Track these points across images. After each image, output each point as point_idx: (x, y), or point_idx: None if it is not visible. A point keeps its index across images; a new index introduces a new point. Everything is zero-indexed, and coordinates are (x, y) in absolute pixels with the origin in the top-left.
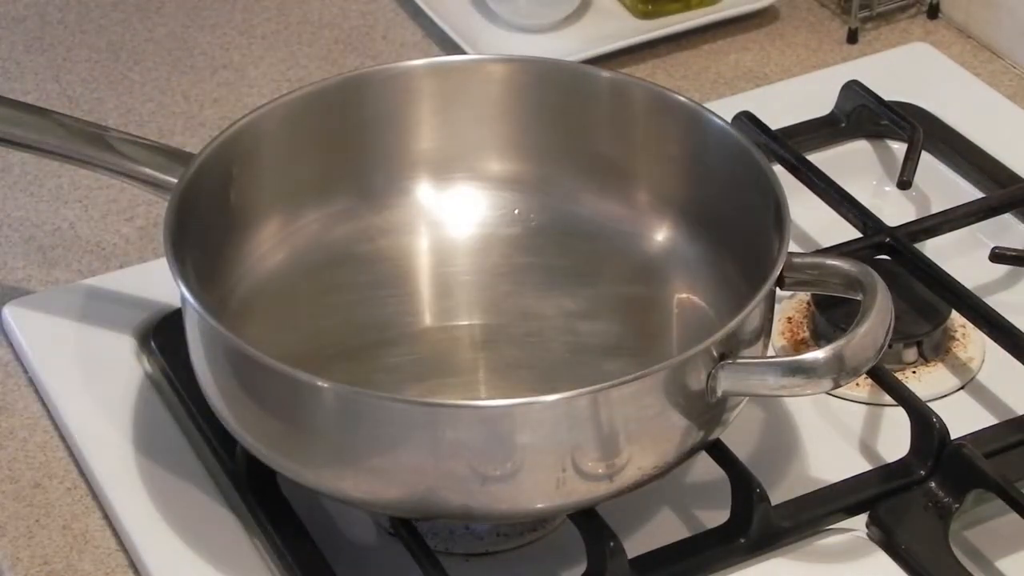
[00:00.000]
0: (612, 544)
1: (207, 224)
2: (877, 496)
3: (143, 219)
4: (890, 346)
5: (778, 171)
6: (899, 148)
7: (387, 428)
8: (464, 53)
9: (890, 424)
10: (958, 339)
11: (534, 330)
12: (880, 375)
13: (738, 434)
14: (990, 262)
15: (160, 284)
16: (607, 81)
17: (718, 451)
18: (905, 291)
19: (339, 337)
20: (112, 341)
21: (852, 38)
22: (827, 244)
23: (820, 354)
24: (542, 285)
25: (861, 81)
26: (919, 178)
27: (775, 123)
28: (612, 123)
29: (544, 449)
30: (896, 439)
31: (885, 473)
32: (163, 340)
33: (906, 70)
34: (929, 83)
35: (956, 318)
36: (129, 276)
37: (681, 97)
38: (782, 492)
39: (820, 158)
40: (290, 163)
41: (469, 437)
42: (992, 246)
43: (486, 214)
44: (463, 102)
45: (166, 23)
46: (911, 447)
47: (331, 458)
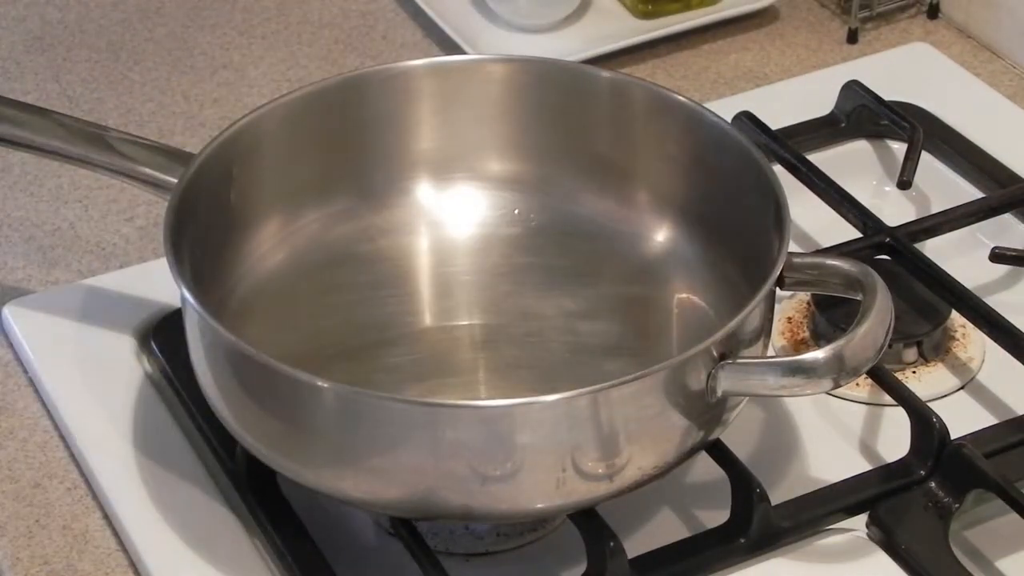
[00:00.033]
0: (612, 544)
1: (207, 224)
2: (877, 496)
3: (143, 219)
4: (890, 346)
5: (778, 171)
6: (899, 148)
7: (387, 428)
8: (464, 53)
9: (890, 424)
10: (958, 339)
11: (534, 330)
12: (880, 375)
13: (738, 434)
14: (990, 262)
15: (160, 284)
16: (607, 81)
17: (718, 451)
18: (905, 291)
19: (339, 337)
20: (112, 341)
21: (852, 38)
22: (827, 244)
23: (820, 354)
24: (542, 285)
25: (861, 81)
26: (919, 178)
27: (775, 123)
28: (612, 123)
29: (544, 449)
30: (896, 439)
31: (885, 473)
32: (163, 340)
33: (906, 70)
34: (929, 83)
35: (956, 318)
36: (129, 276)
37: (681, 97)
38: (782, 492)
39: (820, 158)
40: (290, 163)
41: (469, 437)
42: (992, 246)
43: (486, 214)
44: (463, 102)
45: (166, 23)
46: (911, 447)
47: (331, 458)
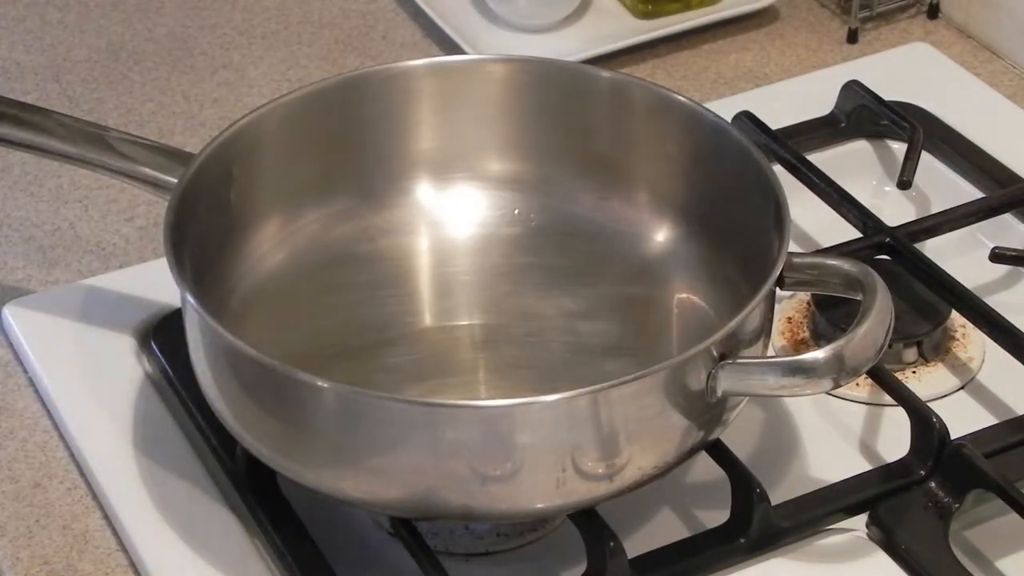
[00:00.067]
0: (612, 544)
1: (207, 224)
2: (877, 496)
3: (143, 219)
4: (890, 346)
5: (778, 171)
6: (899, 148)
7: (387, 428)
8: (464, 53)
9: (890, 424)
10: (958, 339)
11: (534, 330)
12: (880, 375)
13: (738, 434)
14: (990, 262)
15: (160, 284)
16: (607, 81)
17: (718, 451)
18: (905, 291)
19: (339, 337)
20: (112, 341)
21: (852, 38)
22: (827, 244)
23: (820, 354)
24: (542, 285)
25: (861, 81)
26: (919, 178)
27: (775, 123)
28: (612, 123)
29: (544, 449)
30: (896, 439)
31: (885, 473)
32: (163, 340)
33: (906, 70)
34: (929, 83)
35: (956, 318)
36: (129, 276)
37: (681, 97)
38: (782, 492)
39: (820, 158)
40: (290, 163)
41: (469, 437)
42: (992, 246)
43: (486, 214)
44: (463, 102)
45: (166, 23)
46: (911, 447)
47: (331, 458)
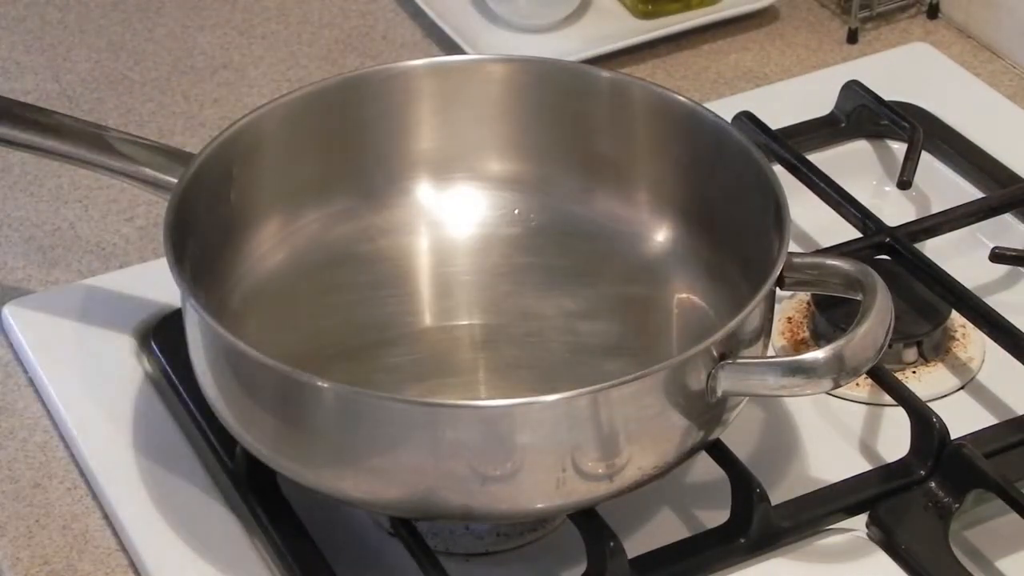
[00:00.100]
0: (612, 544)
1: (207, 224)
2: (877, 496)
3: (143, 219)
4: (890, 346)
5: (778, 171)
6: (899, 148)
7: (387, 428)
8: (464, 53)
9: (890, 424)
10: (958, 339)
11: (534, 330)
12: (880, 375)
13: (738, 434)
14: (990, 262)
15: (160, 284)
16: (607, 81)
17: (718, 451)
18: (905, 291)
19: (339, 337)
20: (112, 341)
21: (852, 38)
22: (827, 244)
23: (820, 354)
24: (542, 285)
25: (861, 81)
26: (919, 178)
27: (775, 123)
28: (612, 123)
29: (544, 449)
30: (896, 439)
31: (885, 473)
32: (163, 340)
33: (906, 70)
34: (929, 83)
35: (956, 318)
36: (129, 276)
37: (681, 97)
38: (782, 492)
39: (820, 158)
40: (290, 163)
41: (469, 437)
42: (992, 246)
43: (486, 214)
44: (463, 102)
45: (166, 23)
46: (911, 447)
47: (331, 458)
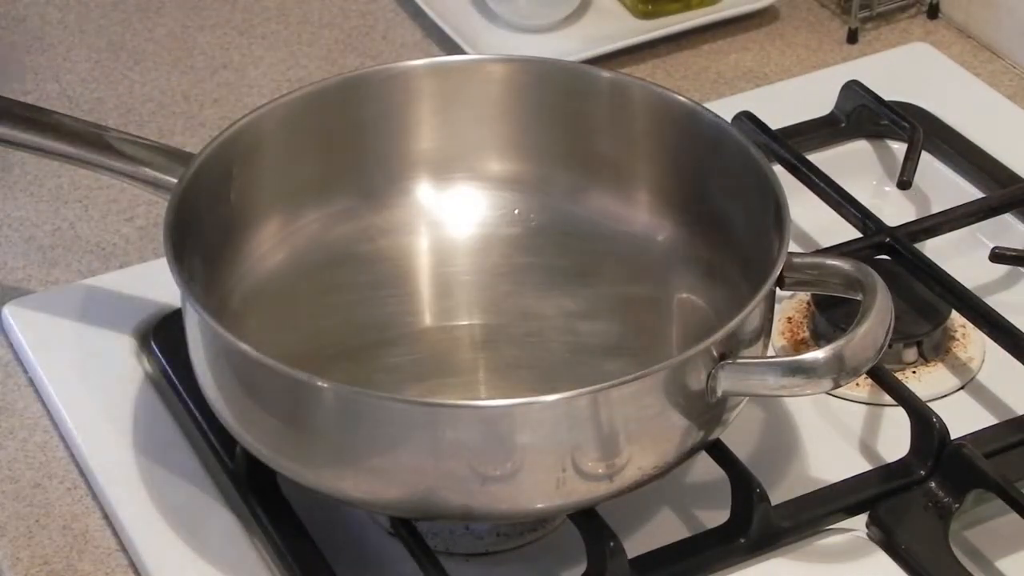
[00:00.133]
0: (612, 544)
1: (207, 224)
2: (877, 496)
3: (143, 219)
4: (890, 346)
5: (778, 171)
6: (899, 148)
7: (387, 428)
8: (464, 53)
9: (890, 424)
10: (958, 339)
11: (534, 330)
12: (880, 375)
13: (738, 434)
14: (990, 262)
15: (160, 284)
16: (607, 81)
17: (718, 451)
18: (905, 291)
19: (339, 337)
20: (112, 341)
21: (852, 38)
22: (827, 244)
23: (820, 354)
24: (542, 285)
25: (861, 81)
26: (919, 178)
27: (775, 123)
28: (612, 123)
29: (544, 449)
30: (896, 439)
31: (885, 473)
32: (163, 340)
33: (906, 70)
34: (929, 83)
35: (956, 318)
36: (129, 276)
37: (681, 97)
38: (782, 492)
39: (820, 158)
40: (290, 163)
41: (469, 437)
42: (992, 246)
43: (486, 214)
44: (463, 102)
45: (166, 23)
46: (911, 447)
47: (331, 458)
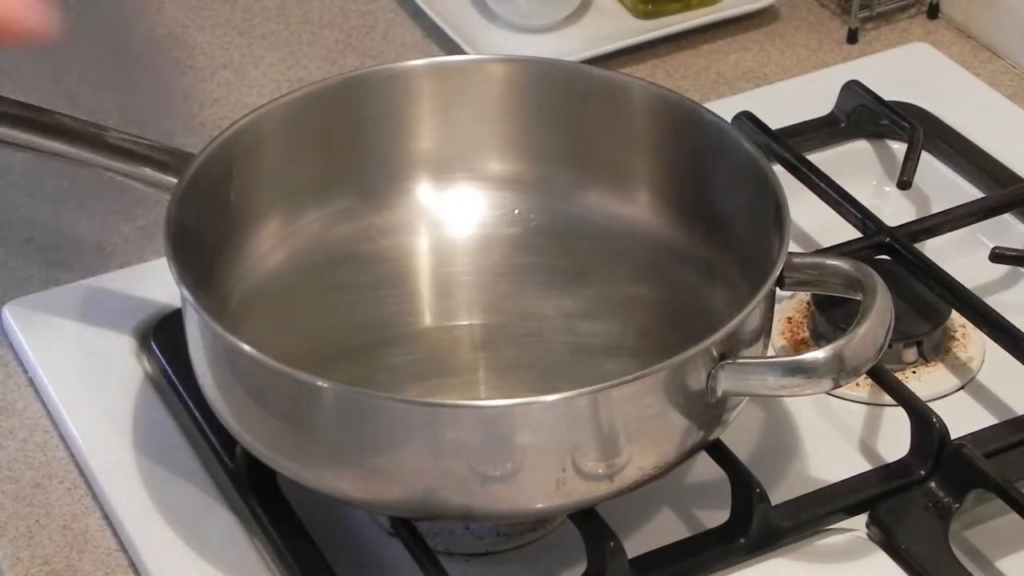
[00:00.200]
0: (612, 544)
1: (207, 224)
2: (877, 496)
3: (143, 219)
4: (890, 346)
5: (778, 171)
6: (899, 148)
7: (387, 428)
8: (464, 53)
9: (890, 424)
10: (958, 339)
11: (534, 330)
12: (880, 375)
13: (738, 434)
14: (990, 262)
15: (160, 284)
16: (607, 81)
17: (718, 451)
18: (905, 291)
19: (339, 337)
20: (112, 341)
21: (852, 38)
22: (827, 244)
23: (820, 354)
24: (542, 285)
25: (861, 81)
26: (919, 178)
27: (775, 123)
28: (612, 123)
29: (544, 449)
30: (896, 439)
31: (885, 473)
32: (163, 340)
33: (906, 70)
34: (929, 83)
35: (956, 318)
36: (129, 276)
37: (681, 97)
38: (782, 492)
39: (820, 158)
40: (290, 163)
41: (469, 437)
42: (992, 246)
43: (486, 214)
44: (463, 102)
45: (166, 23)
46: (911, 447)
47: (331, 458)
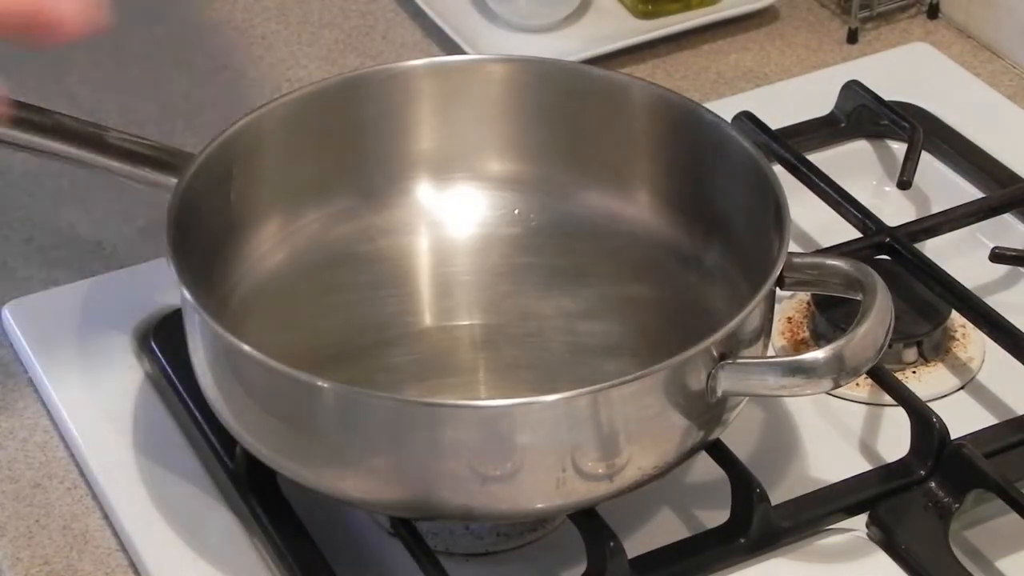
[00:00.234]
0: (612, 544)
1: (207, 224)
2: (877, 496)
3: (143, 219)
4: (890, 346)
5: (778, 171)
6: (899, 148)
7: (387, 428)
8: (464, 53)
9: (890, 424)
10: (958, 339)
11: (534, 330)
12: (880, 375)
13: (738, 434)
14: (990, 262)
15: (160, 284)
16: (607, 81)
17: (718, 451)
18: (905, 291)
19: (339, 337)
20: (112, 341)
21: (852, 38)
22: (827, 244)
23: (820, 354)
24: (542, 285)
25: (861, 81)
26: (919, 178)
27: (775, 123)
28: (612, 123)
29: (544, 449)
30: (896, 439)
31: (885, 473)
32: (163, 340)
33: (906, 70)
34: (929, 83)
35: (956, 318)
36: (129, 276)
37: (681, 97)
38: (782, 492)
39: (820, 158)
40: (290, 163)
41: (469, 437)
42: (992, 246)
43: (486, 214)
44: (463, 102)
45: (166, 23)
46: (911, 447)
47: (331, 458)
